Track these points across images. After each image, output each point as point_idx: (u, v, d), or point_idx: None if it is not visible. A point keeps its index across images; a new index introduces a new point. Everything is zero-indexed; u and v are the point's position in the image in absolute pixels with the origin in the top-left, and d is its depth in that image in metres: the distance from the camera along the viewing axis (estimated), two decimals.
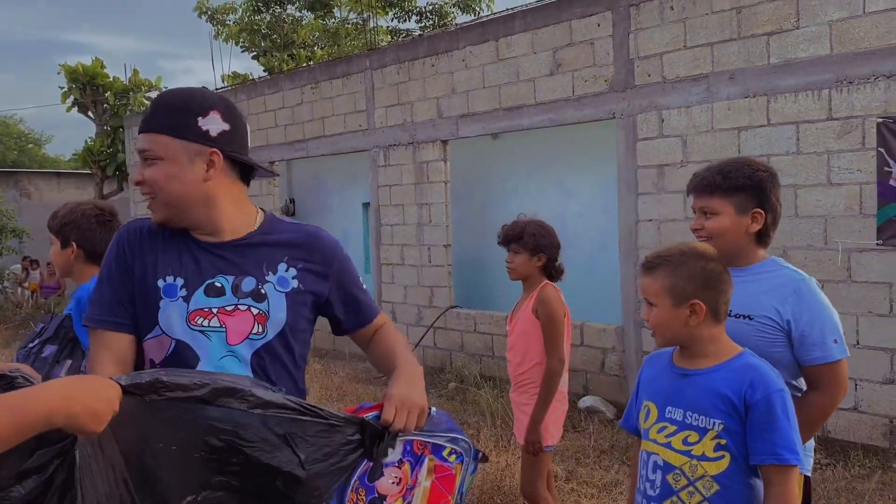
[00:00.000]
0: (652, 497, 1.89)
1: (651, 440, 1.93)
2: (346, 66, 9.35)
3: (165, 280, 1.71)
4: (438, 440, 1.69)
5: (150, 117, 1.71)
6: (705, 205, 2.24)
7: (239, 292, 1.72)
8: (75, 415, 1.26)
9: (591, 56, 6.68)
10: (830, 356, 2.11)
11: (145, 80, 16.63)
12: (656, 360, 2.06)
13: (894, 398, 5.08)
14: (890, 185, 5.03)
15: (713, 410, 1.82)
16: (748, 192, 2.20)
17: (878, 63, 5.06)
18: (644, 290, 1.95)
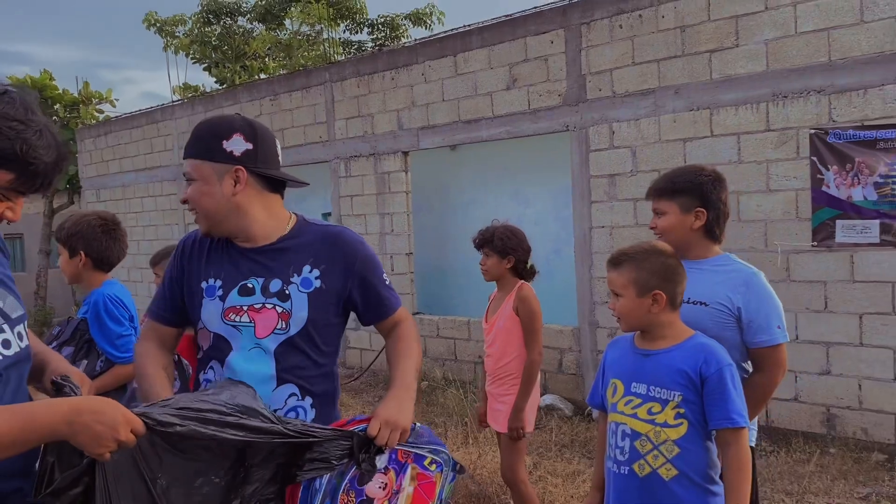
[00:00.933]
0: (622, 461, 2.18)
1: (619, 412, 2.22)
2: (305, 79, 9.53)
3: (207, 282, 2.00)
4: (420, 451, 1.89)
5: (188, 145, 2.00)
6: (656, 206, 2.61)
7: (267, 292, 1.97)
8: (75, 434, 1.42)
9: (546, 71, 7.02)
10: (774, 339, 2.42)
11: (96, 93, 16.46)
12: (619, 344, 2.36)
13: (830, 388, 5.50)
14: (823, 191, 5.46)
15: (673, 384, 2.13)
16: (690, 194, 2.53)
17: (810, 79, 5.50)
18: (611, 283, 2.25)
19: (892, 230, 5.19)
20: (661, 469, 2.11)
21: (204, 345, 2.02)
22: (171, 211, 11.72)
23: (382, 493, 1.81)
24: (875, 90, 5.23)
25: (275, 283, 1.98)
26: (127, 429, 1.47)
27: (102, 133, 13.23)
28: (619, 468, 2.19)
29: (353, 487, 1.81)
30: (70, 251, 2.91)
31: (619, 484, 2.20)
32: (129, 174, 12.57)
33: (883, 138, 5.19)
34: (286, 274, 1.99)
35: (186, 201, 1.99)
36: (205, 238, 2.06)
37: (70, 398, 1.54)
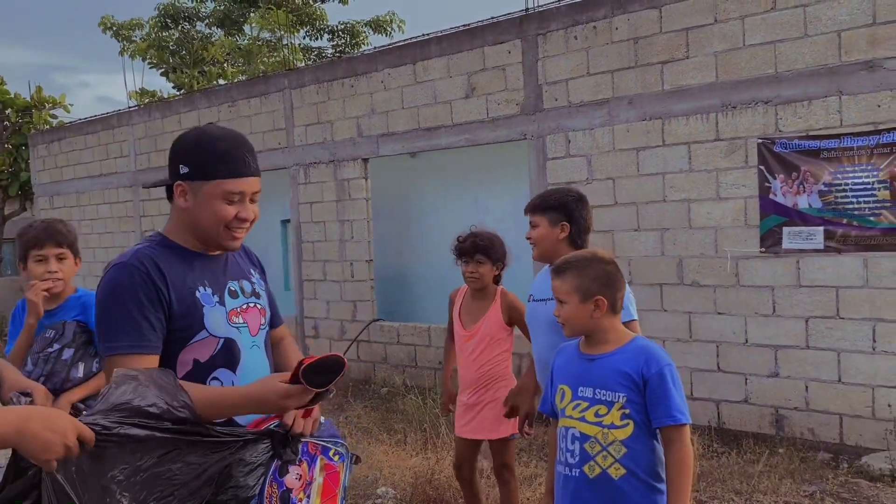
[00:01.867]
0: (573, 464, 2.25)
1: (568, 416, 2.30)
2: (264, 86, 9.50)
3: (199, 291, 1.96)
4: (326, 443, 2.03)
5: (254, 161, 1.99)
6: (531, 219, 3.11)
7: (245, 293, 2.06)
8: (24, 440, 1.44)
9: (504, 81, 7.12)
10: (630, 315, 2.74)
11: (49, 97, 16.13)
12: (565, 351, 2.45)
13: (778, 390, 5.66)
14: (770, 199, 5.64)
15: (617, 385, 2.22)
16: (557, 210, 3.05)
17: (758, 90, 5.67)
18: (555, 291, 2.35)
19: (835, 237, 5.38)
20: (611, 469, 2.19)
21: (205, 354, 1.94)
22: (126, 218, 11.56)
23: (298, 483, 1.93)
24: (819, 101, 5.42)
25: (246, 284, 2.07)
26: (74, 435, 1.48)
27: (56, 139, 12.99)
28: (570, 471, 2.25)
29: (275, 479, 1.92)
30: (76, 255, 2.97)
31: (570, 486, 2.26)
32: (84, 181, 12.37)
33: (826, 148, 5.38)
34: (247, 275, 2.11)
35: (253, 220, 1.99)
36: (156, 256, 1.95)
37: (20, 407, 1.56)
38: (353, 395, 7.63)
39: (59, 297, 2.91)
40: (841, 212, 5.35)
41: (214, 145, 1.92)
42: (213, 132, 1.97)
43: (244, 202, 1.95)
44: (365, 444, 5.69)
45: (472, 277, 3.67)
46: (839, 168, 5.33)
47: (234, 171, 1.91)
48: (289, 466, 1.90)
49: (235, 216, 1.94)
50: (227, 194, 1.91)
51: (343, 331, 8.61)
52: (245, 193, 1.94)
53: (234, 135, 1.98)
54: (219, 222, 1.94)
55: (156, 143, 10.95)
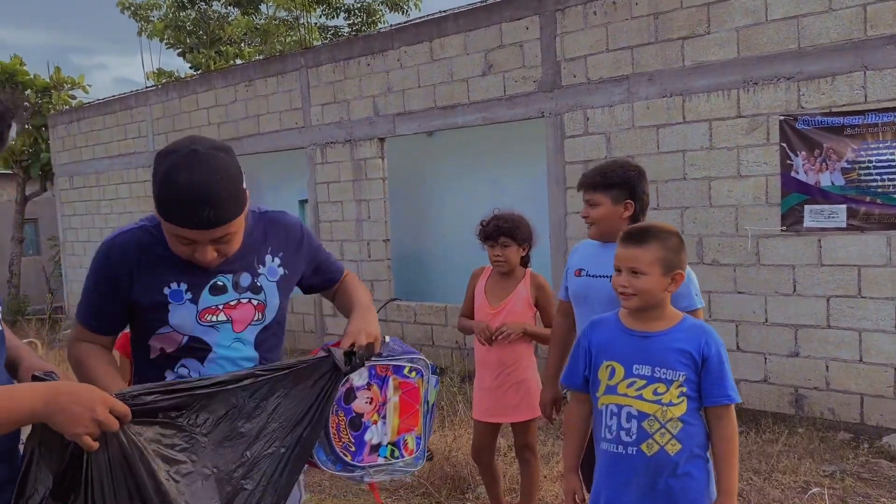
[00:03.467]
0: (628, 442, 2.21)
1: (621, 394, 2.24)
2: (280, 65, 9.48)
3: (170, 287, 1.91)
4: (398, 362, 2.02)
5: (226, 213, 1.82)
6: (590, 197, 2.92)
7: (239, 288, 1.97)
8: (51, 414, 1.44)
9: (521, 58, 7.05)
10: (693, 304, 2.71)
11: (68, 78, 16.18)
12: (603, 325, 2.36)
13: (798, 370, 5.62)
14: (792, 176, 5.56)
15: (677, 364, 2.19)
16: (621, 187, 2.88)
17: (780, 66, 5.58)
18: (633, 260, 2.21)
19: (858, 215, 5.29)
20: (668, 445, 2.18)
21: (169, 346, 1.94)
22: (145, 198, 11.62)
23: (370, 406, 1.93)
24: (843, 77, 5.32)
25: (244, 277, 1.98)
26: (104, 408, 1.46)
27: (75, 119, 13.06)
28: (625, 449, 2.21)
29: (340, 407, 1.93)
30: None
31: (624, 464, 2.22)
32: (103, 160, 12.44)
33: (850, 124, 5.28)
34: (253, 267, 2.01)
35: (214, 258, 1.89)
36: (145, 242, 1.93)
37: (49, 382, 1.55)
38: None
39: None
40: (864, 189, 5.26)
41: (167, 195, 1.77)
42: (172, 179, 1.75)
43: (203, 246, 1.83)
44: None
45: (499, 261, 3.60)
46: (863, 145, 5.24)
47: (181, 221, 1.77)
48: (356, 391, 1.89)
49: (192, 254, 1.85)
50: (178, 238, 1.82)
51: None
52: (197, 242, 1.82)
53: (197, 182, 1.74)
54: (180, 255, 1.89)
55: (173, 122, 10.98)
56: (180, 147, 1.80)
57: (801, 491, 4.35)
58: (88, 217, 12.86)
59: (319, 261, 2.21)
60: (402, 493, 4.39)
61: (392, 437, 2.01)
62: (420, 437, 2.07)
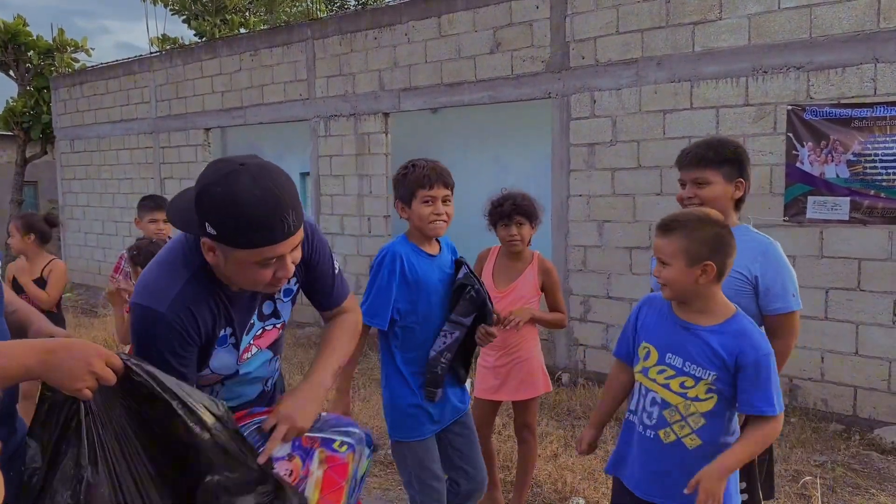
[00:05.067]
0: (648, 425, 2.22)
1: (651, 379, 2.23)
2: (286, 35, 9.40)
3: (220, 332, 1.87)
4: (328, 435, 1.88)
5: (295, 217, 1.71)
6: (699, 176, 2.62)
7: (262, 317, 1.98)
8: (48, 370, 1.42)
9: (530, 37, 6.99)
10: (789, 307, 2.51)
11: (71, 41, 16.07)
12: (655, 304, 2.32)
13: (793, 360, 5.58)
14: (797, 167, 5.54)
15: (709, 364, 2.13)
16: (733, 164, 2.61)
17: (790, 55, 5.54)
18: (659, 250, 2.18)
19: (861, 208, 5.29)
20: (686, 439, 2.16)
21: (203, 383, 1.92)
22: (146, 164, 11.58)
23: (288, 479, 1.78)
24: (853, 68, 5.29)
25: (267, 305, 1.98)
26: (101, 361, 1.46)
27: (78, 82, 12.97)
28: (645, 430, 2.23)
29: None
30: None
31: (643, 445, 2.24)
32: (105, 125, 12.38)
33: (858, 117, 5.26)
34: (272, 294, 1.99)
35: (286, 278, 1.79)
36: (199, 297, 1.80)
37: (43, 339, 1.54)
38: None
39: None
40: (869, 183, 5.25)
41: (247, 213, 1.60)
42: (246, 196, 1.60)
43: (283, 261, 1.73)
44: (378, 396, 5.74)
45: (514, 241, 3.53)
46: (870, 138, 5.22)
47: (269, 238, 1.64)
48: (274, 462, 1.76)
49: (273, 275, 1.73)
50: (264, 261, 1.69)
51: (359, 285, 8.63)
52: (283, 255, 1.71)
53: (271, 197, 1.62)
54: (254, 284, 1.77)
55: (177, 90, 10.91)
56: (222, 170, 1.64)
57: (792, 479, 4.38)
58: (88, 182, 12.82)
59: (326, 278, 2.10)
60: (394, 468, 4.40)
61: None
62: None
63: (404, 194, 2.82)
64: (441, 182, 2.77)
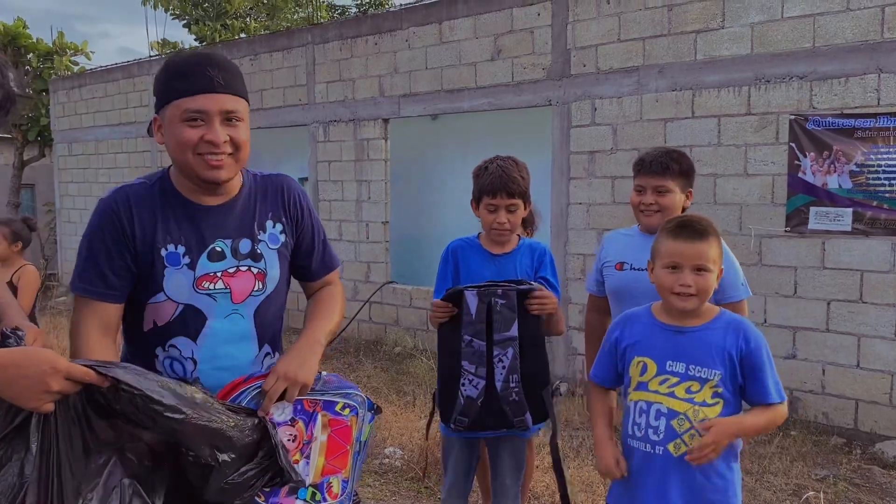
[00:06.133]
0: (656, 441, 2.10)
1: (653, 391, 2.13)
2: (286, 40, 9.36)
3: (167, 248, 1.79)
4: (329, 397, 1.82)
5: (232, 80, 1.76)
6: (661, 184, 2.74)
7: (238, 254, 1.85)
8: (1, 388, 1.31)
9: (531, 44, 6.96)
10: (741, 294, 2.70)
11: (71, 44, 16.03)
12: (635, 319, 2.24)
13: (794, 372, 5.58)
14: (799, 177, 5.50)
15: (713, 362, 2.07)
16: (688, 175, 2.79)
17: (793, 64, 5.50)
18: (698, 256, 2.08)
19: (864, 219, 5.24)
20: None
21: (162, 319, 1.80)
22: (143, 168, 11.52)
23: (292, 445, 1.73)
24: (856, 79, 5.25)
25: (244, 243, 1.87)
26: (58, 377, 1.34)
27: (77, 85, 12.93)
28: (653, 448, 2.11)
29: None
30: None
31: (651, 464, 2.13)
32: (103, 128, 12.32)
33: (861, 127, 5.22)
34: (252, 232, 1.89)
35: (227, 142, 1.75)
36: (141, 196, 1.81)
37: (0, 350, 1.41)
38: (364, 354, 7.63)
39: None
40: (871, 194, 5.20)
41: (177, 64, 1.75)
42: (180, 54, 1.81)
43: (211, 123, 1.72)
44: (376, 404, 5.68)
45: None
46: (873, 148, 5.17)
47: (190, 87, 1.70)
48: (277, 427, 1.68)
49: (201, 139, 1.71)
50: (185, 114, 1.70)
51: (356, 291, 8.58)
52: (208, 112, 1.71)
53: (200, 55, 1.77)
54: (184, 149, 1.73)
55: None
56: None
57: (793, 493, 4.32)
58: (86, 185, 12.76)
59: (319, 243, 2.06)
60: (390, 477, 4.35)
61: (315, 478, 1.78)
62: (347, 481, 1.84)
63: (475, 195, 2.87)
64: (505, 191, 2.76)
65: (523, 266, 2.82)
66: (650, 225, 2.74)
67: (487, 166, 2.82)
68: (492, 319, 2.60)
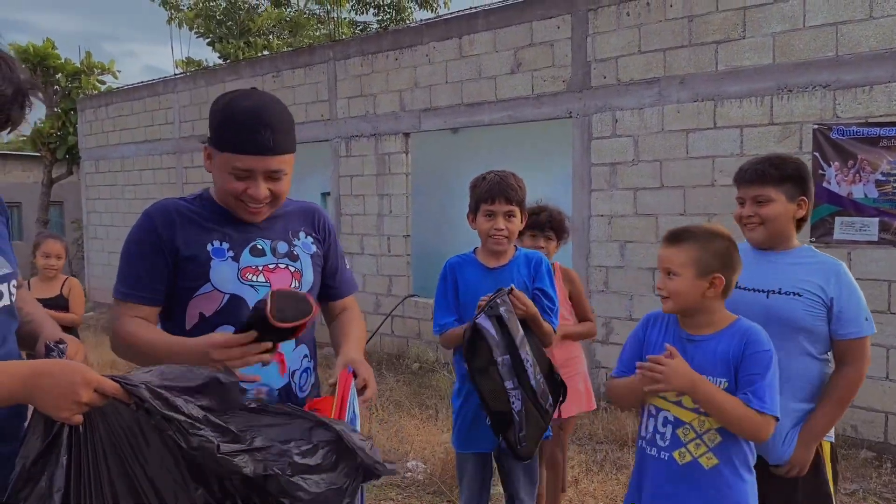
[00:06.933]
0: (662, 447, 2.14)
1: (662, 397, 2.15)
2: (308, 56, 9.47)
3: (213, 244, 1.91)
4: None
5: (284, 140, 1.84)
6: (759, 193, 2.46)
7: (277, 253, 1.97)
8: (32, 397, 1.36)
9: (551, 57, 6.97)
10: (862, 331, 2.38)
11: (98, 63, 16.34)
12: (659, 323, 2.27)
13: None
14: (823, 187, 5.43)
15: (719, 371, 2.07)
16: (795, 182, 2.45)
17: (815, 73, 5.46)
18: (667, 260, 2.14)
19: (891, 229, 5.17)
20: (702, 458, 2.08)
21: (209, 309, 1.89)
22: (169, 185, 11.67)
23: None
24: (881, 87, 5.20)
25: (281, 244, 2.00)
26: (88, 389, 1.38)
27: (103, 104, 13.16)
28: (658, 453, 2.15)
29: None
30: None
31: (657, 469, 2.16)
32: (129, 146, 12.52)
33: (886, 136, 5.16)
34: (288, 237, 2.02)
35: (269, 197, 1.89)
36: (184, 209, 1.96)
37: (34, 361, 1.45)
38: (386, 368, 7.63)
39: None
40: None
41: (233, 115, 1.81)
42: (242, 101, 1.83)
43: (255, 180, 1.85)
44: (397, 417, 5.67)
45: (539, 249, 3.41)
46: None
47: (241, 147, 1.81)
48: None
49: (244, 191, 1.86)
50: (234, 169, 1.83)
51: (378, 305, 8.60)
52: (254, 171, 1.83)
53: (260, 107, 1.82)
54: (227, 195, 1.90)
55: (200, 111, 11.01)
56: (238, 90, 1.89)
57: None
58: (112, 202, 12.95)
59: (341, 266, 2.20)
60: (412, 490, 4.34)
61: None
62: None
63: (471, 206, 2.88)
64: (503, 197, 2.76)
65: (520, 277, 2.80)
66: (753, 239, 2.53)
67: (485, 176, 2.84)
68: (507, 329, 2.61)
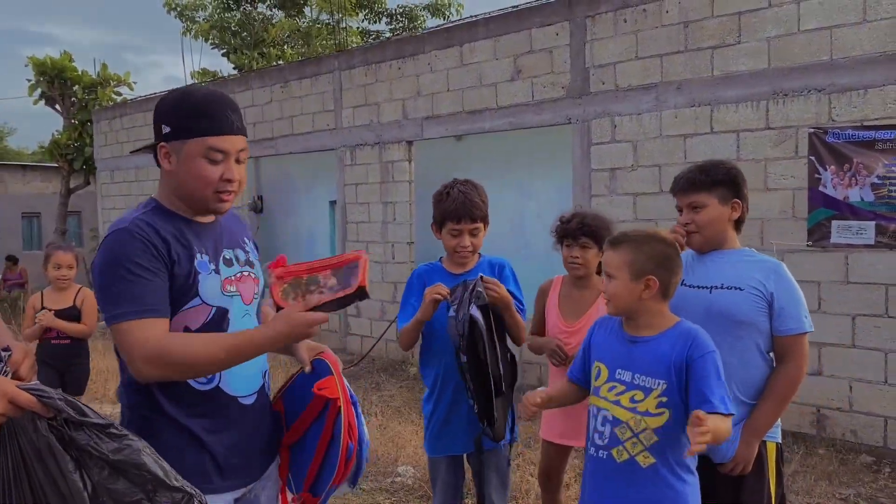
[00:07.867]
0: (601, 446, 2.19)
1: (602, 397, 2.20)
2: (315, 67, 9.57)
3: (197, 258, 1.87)
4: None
5: (241, 121, 1.89)
6: (693, 200, 2.53)
7: (240, 262, 1.98)
8: None
9: (550, 64, 7.01)
10: (802, 327, 2.46)
11: (114, 75, 16.61)
12: (606, 326, 2.32)
13: (821, 389, 5.46)
14: (819, 191, 5.42)
15: (657, 373, 2.11)
16: (727, 185, 2.54)
17: (811, 77, 5.45)
18: (606, 263, 2.22)
19: (887, 232, 5.14)
20: (639, 457, 2.11)
21: (196, 322, 1.86)
22: None
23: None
24: (875, 90, 5.18)
25: (240, 252, 2.00)
26: (3, 401, 1.39)
27: (118, 115, 13.37)
28: (598, 452, 2.19)
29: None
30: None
31: (596, 467, 2.21)
32: (143, 156, 12.69)
33: (882, 139, 5.14)
34: (241, 244, 2.03)
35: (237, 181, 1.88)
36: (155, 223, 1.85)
37: None
38: (388, 374, 7.68)
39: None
40: (895, 206, 5.10)
41: (195, 102, 1.84)
42: (194, 90, 1.91)
43: (229, 162, 1.85)
44: (395, 423, 5.71)
45: (575, 263, 3.12)
46: (894, 160, 5.08)
47: (216, 128, 1.82)
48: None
49: (221, 177, 1.84)
50: (210, 152, 1.82)
51: (383, 311, 8.66)
52: (229, 153, 1.84)
53: (217, 92, 1.90)
54: (204, 184, 1.84)
55: None
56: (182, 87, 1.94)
57: None
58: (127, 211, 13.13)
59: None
60: (401, 495, 4.37)
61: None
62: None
63: (436, 218, 2.93)
64: (468, 217, 2.83)
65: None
66: (692, 246, 2.57)
67: (449, 192, 2.87)
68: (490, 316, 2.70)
